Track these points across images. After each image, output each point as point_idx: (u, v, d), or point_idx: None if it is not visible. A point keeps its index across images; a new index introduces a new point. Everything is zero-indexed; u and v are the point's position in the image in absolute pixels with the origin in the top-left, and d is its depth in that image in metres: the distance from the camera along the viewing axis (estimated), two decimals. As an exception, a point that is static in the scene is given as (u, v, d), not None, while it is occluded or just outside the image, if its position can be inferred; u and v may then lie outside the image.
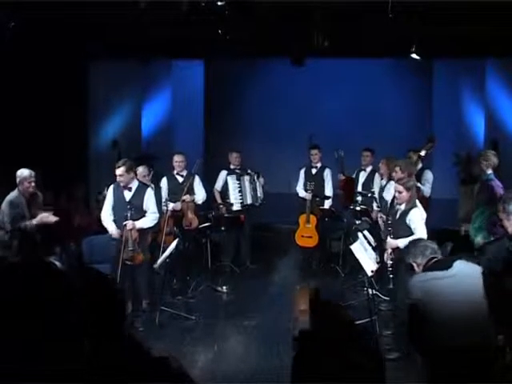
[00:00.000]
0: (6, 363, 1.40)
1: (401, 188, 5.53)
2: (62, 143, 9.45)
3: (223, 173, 8.86)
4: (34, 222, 6.35)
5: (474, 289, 3.37)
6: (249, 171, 8.84)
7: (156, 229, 7.11)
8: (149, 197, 6.59)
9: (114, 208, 6.52)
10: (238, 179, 8.71)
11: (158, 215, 6.72)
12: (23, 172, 6.41)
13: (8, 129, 8.14)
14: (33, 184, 6.43)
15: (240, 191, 8.69)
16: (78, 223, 8.40)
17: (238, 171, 8.82)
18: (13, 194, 6.37)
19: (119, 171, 6.41)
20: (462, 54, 9.74)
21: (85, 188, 9.47)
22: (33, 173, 6.44)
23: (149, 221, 6.57)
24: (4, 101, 8.17)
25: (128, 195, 6.49)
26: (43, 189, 6.87)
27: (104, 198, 6.94)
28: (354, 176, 8.70)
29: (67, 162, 9.38)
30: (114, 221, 6.49)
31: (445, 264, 3.44)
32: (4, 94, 8.18)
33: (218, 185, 8.87)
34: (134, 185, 6.54)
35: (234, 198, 8.66)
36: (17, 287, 1.44)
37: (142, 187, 6.63)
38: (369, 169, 8.60)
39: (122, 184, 6.47)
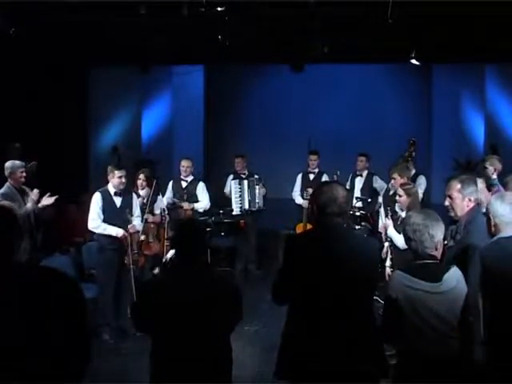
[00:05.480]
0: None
1: (402, 192, 5.56)
2: (62, 149, 9.47)
3: (230, 177, 8.96)
4: (30, 204, 6.21)
5: (458, 306, 3.15)
6: (255, 176, 8.85)
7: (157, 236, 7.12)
8: (136, 202, 6.58)
9: (103, 214, 6.33)
10: (240, 183, 8.75)
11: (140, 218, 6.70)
12: (14, 163, 6.31)
13: (7, 133, 8.15)
14: (24, 174, 6.33)
15: (240, 195, 8.73)
16: (77, 228, 8.39)
17: (242, 176, 8.85)
18: (4, 188, 6.25)
19: (122, 173, 6.29)
20: (461, 59, 9.77)
21: (85, 194, 9.46)
22: (23, 163, 6.36)
23: (139, 225, 6.58)
24: (4, 106, 8.19)
25: (118, 201, 6.39)
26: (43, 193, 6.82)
27: None
28: (348, 181, 8.64)
29: (67, 168, 9.40)
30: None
31: (434, 274, 3.12)
32: (4, 99, 8.20)
33: (227, 189, 8.98)
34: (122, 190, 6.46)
35: (235, 202, 8.70)
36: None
37: (128, 192, 6.56)
38: (365, 173, 8.62)
39: (121, 187, 6.35)
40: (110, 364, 5.48)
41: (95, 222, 6.32)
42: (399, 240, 5.46)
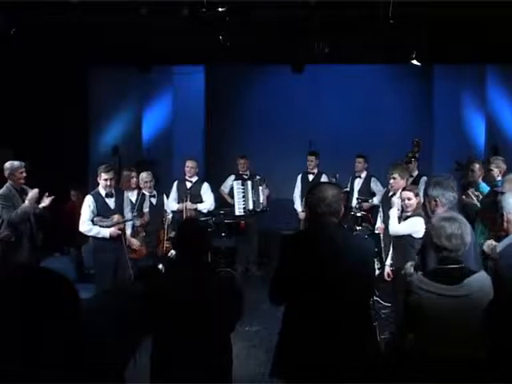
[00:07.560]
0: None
1: (411, 194, 5.48)
2: (63, 149, 9.46)
3: (231, 177, 8.92)
4: (27, 202, 6.21)
5: (479, 311, 3.05)
6: (257, 177, 8.81)
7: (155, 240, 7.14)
8: (126, 203, 6.53)
9: (98, 216, 6.26)
10: (243, 184, 8.73)
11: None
12: (13, 163, 6.30)
13: (7, 135, 8.14)
14: (23, 175, 6.32)
15: (244, 196, 8.70)
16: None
17: (244, 176, 8.83)
18: (4, 189, 6.27)
19: (108, 175, 6.19)
20: (462, 60, 9.76)
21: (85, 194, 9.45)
22: (23, 163, 6.34)
23: (130, 230, 6.63)
24: (4, 105, 8.18)
25: (111, 202, 6.33)
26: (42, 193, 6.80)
27: None
28: (348, 184, 8.59)
29: (67, 168, 9.38)
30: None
31: (456, 277, 3.03)
32: (4, 99, 8.19)
33: (225, 187, 8.93)
34: (113, 191, 6.39)
35: (238, 203, 8.68)
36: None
37: (120, 192, 6.52)
38: (363, 175, 8.61)
39: (109, 189, 6.26)
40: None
41: (86, 226, 6.24)
42: (395, 227, 5.49)
